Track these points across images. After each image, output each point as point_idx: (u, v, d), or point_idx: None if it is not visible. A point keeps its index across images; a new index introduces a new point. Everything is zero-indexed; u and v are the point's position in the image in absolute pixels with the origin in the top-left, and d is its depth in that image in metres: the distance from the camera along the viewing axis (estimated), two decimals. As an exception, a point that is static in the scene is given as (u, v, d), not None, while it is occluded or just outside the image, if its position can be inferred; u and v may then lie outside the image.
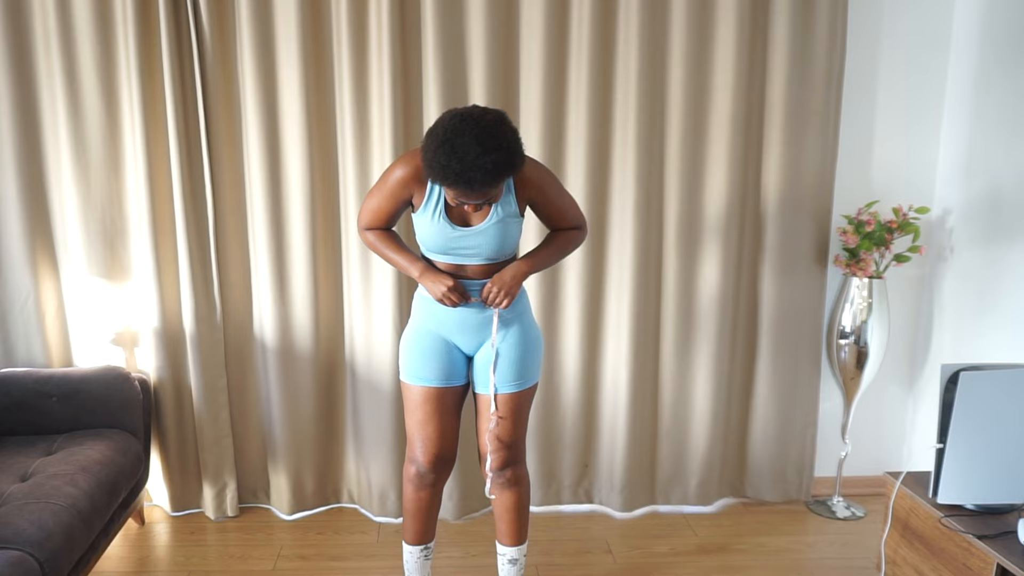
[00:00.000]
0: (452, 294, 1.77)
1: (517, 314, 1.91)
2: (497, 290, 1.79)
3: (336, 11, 2.41)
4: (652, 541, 2.58)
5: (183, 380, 2.61)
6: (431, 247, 1.84)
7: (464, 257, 1.82)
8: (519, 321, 1.91)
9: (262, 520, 2.70)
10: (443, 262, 1.85)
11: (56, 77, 2.39)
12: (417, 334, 1.93)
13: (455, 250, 1.81)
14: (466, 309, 1.87)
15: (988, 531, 1.79)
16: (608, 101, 2.51)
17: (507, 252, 1.86)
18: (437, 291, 1.79)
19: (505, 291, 1.79)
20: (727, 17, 2.45)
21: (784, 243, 2.61)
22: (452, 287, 1.77)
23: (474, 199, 1.67)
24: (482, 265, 1.84)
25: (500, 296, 1.79)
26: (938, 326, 2.71)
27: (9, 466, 2.11)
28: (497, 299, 1.79)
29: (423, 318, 1.93)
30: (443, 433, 1.93)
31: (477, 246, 1.80)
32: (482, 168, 1.56)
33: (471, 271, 1.85)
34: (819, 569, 2.40)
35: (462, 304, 1.80)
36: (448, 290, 1.77)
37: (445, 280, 1.78)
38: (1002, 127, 2.41)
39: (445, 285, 1.77)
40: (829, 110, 2.54)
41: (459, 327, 1.89)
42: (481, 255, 1.82)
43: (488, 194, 1.66)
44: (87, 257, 2.50)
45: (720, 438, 2.74)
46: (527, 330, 1.93)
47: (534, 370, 1.95)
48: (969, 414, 1.82)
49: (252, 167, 2.48)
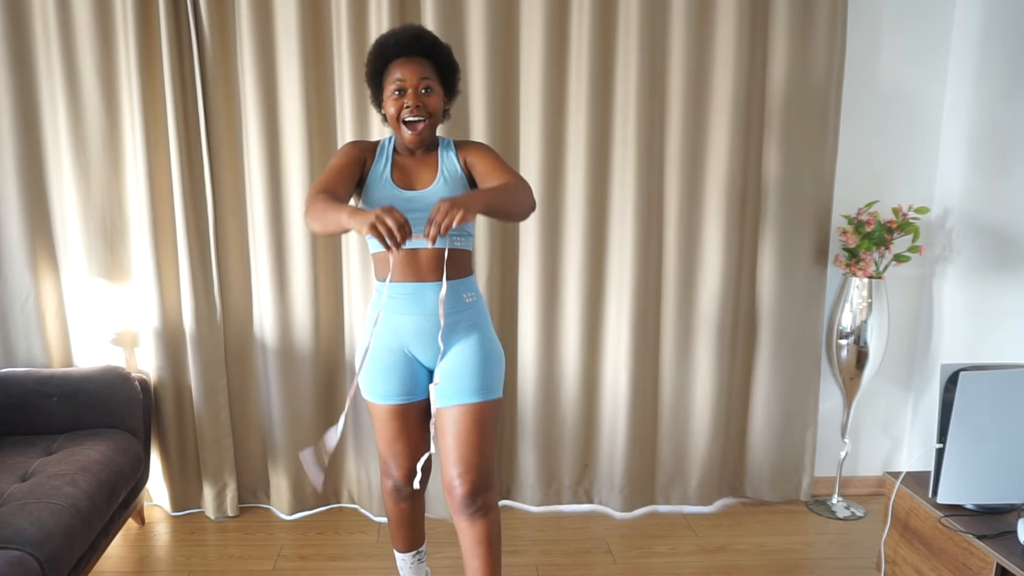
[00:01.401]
0: (386, 216, 1.40)
1: (475, 321, 1.80)
2: (448, 206, 1.43)
3: (336, 11, 2.41)
4: (652, 541, 2.58)
5: (183, 380, 2.61)
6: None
7: (415, 235, 1.55)
8: (478, 329, 1.80)
9: (262, 520, 2.70)
10: None
11: (56, 77, 2.40)
12: (377, 350, 1.80)
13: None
14: (422, 316, 1.73)
15: (988, 531, 1.79)
16: (608, 101, 2.51)
17: (462, 230, 1.75)
18: (368, 220, 1.42)
19: (458, 206, 1.44)
20: (727, 17, 2.45)
21: (784, 243, 2.61)
22: (385, 208, 1.43)
23: (415, 73, 1.69)
24: (432, 249, 1.70)
25: (449, 212, 1.43)
26: (938, 326, 2.71)
27: (9, 466, 2.11)
28: (446, 218, 1.42)
29: (382, 331, 1.79)
30: (413, 448, 1.87)
31: (426, 217, 1.55)
32: (418, 28, 1.76)
33: (423, 260, 1.72)
34: (819, 569, 2.40)
35: (401, 241, 1.42)
36: (381, 212, 1.41)
37: (375, 209, 1.45)
38: (1002, 127, 2.41)
39: (375, 211, 1.42)
40: (829, 110, 2.54)
41: (416, 336, 1.76)
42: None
43: (425, 70, 1.70)
44: (87, 257, 2.50)
45: (720, 438, 2.74)
46: (487, 339, 1.81)
47: (496, 382, 1.80)
48: (969, 414, 1.83)
49: (252, 167, 2.48)
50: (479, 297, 1.84)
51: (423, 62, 1.72)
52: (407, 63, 1.71)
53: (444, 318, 1.66)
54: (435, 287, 1.72)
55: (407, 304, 1.74)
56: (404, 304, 1.75)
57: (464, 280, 1.80)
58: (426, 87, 1.71)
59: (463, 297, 1.78)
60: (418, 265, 1.73)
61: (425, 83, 1.71)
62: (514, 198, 1.64)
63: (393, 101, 1.72)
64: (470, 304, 1.80)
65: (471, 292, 1.81)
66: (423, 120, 1.72)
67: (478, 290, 1.84)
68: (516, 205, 1.65)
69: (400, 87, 1.70)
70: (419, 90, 1.71)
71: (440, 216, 1.43)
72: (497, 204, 1.59)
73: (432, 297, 1.72)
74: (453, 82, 1.81)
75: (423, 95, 1.71)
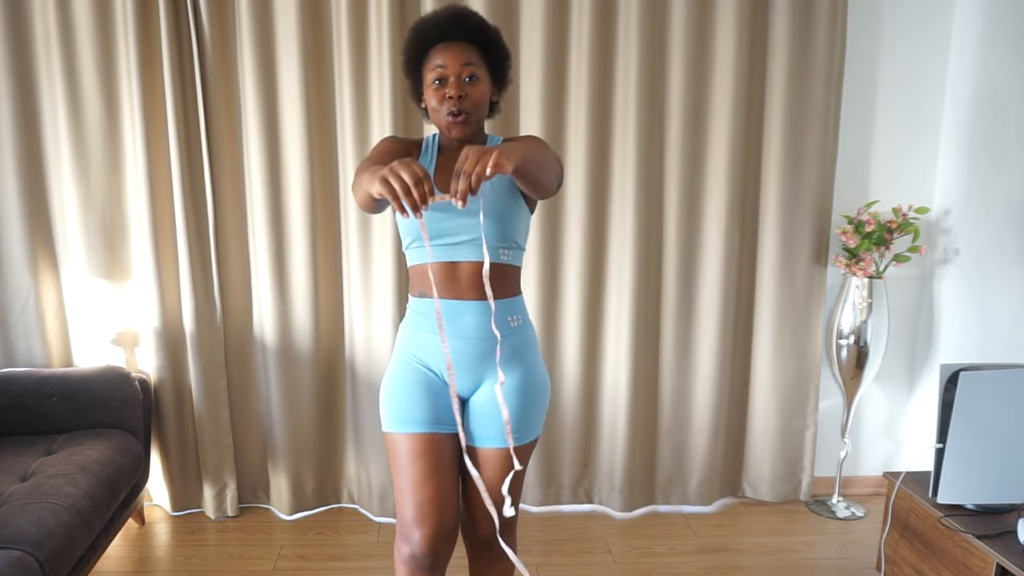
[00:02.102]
0: (401, 169, 1.17)
1: (520, 350, 1.55)
2: (480, 151, 1.19)
3: (336, 11, 2.41)
4: (652, 541, 2.58)
5: (183, 380, 2.61)
6: (414, 227, 1.50)
7: (455, 245, 1.48)
8: (522, 360, 1.54)
9: (262, 520, 2.70)
10: (432, 262, 1.50)
11: (56, 77, 2.40)
12: (400, 371, 1.56)
13: (446, 230, 1.47)
14: (458, 339, 1.49)
15: (988, 531, 1.79)
16: (608, 101, 2.51)
17: (510, 240, 1.52)
18: (378, 175, 1.19)
19: (488, 155, 1.18)
20: (727, 17, 2.45)
21: (784, 243, 2.61)
22: (402, 160, 1.19)
23: (458, 59, 1.46)
24: (475, 262, 1.48)
25: (482, 159, 1.18)
26: (938, 326, 2.71)
27: (9, 466, 2.11)
28: (478, 165, 1.17)
29: (408, 352, 1.57)
30: (444, 497, 1.48)
31: (469, 220, 1.46)
32: (461, 8, 1.52)
33: (464, 274, 1.49)
34: (819, 569, 2.40)
35: (420, 200, 1.17)
36: (397, 163, 1.18)
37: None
38: (1002, 127, 2.41)
39: (388, 165, 1.21)
40: (829, 110, 2.54)
41: (453, 356, 1.51)
42: (475, 236, 1.47)
43: (469, 55, 1.47)
44: (87, 257, 2.50)
45: (720, 438, 2.74)
46: (532, 371, 1.56)
47: (538, 423, 1.58)
48: (969, 414, 1.83)
49: (252, 167, 2.48)
50: (527, 321, 1.59)
51: (467, 47, 1.49)
52: (449, 48, 1.48)
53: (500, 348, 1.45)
54: (475, 307, 1.49)
55: (443, 323, 1.49)
56: (437, 324, 1.49)
57: (511, 300, 1.55)
58: (470, 75, 1.47)
59: (508, 320, 1.53)
60: (456, 279, 1.49)
61: (469, 70, 1.47)
62: (548, 161, 1.43)
63: (434, 91, 1.49)
64: (516, 329, 1.54)
65: (517, 314, 1.56)
66: (465, 114, 1.48)
67: (526, 312, 1.60)
68: (549, 171, 1.43)
69: (441, 75, 1.48)
70: (462, 78, 1.47)
71: (470, 164, 1.17)
72: (532, 162, 1.34)
73: (472, 318, 1.49)
74: (503, 70, 1.57)
75: (467, 84, 1.47)
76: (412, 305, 1.59)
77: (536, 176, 1.39)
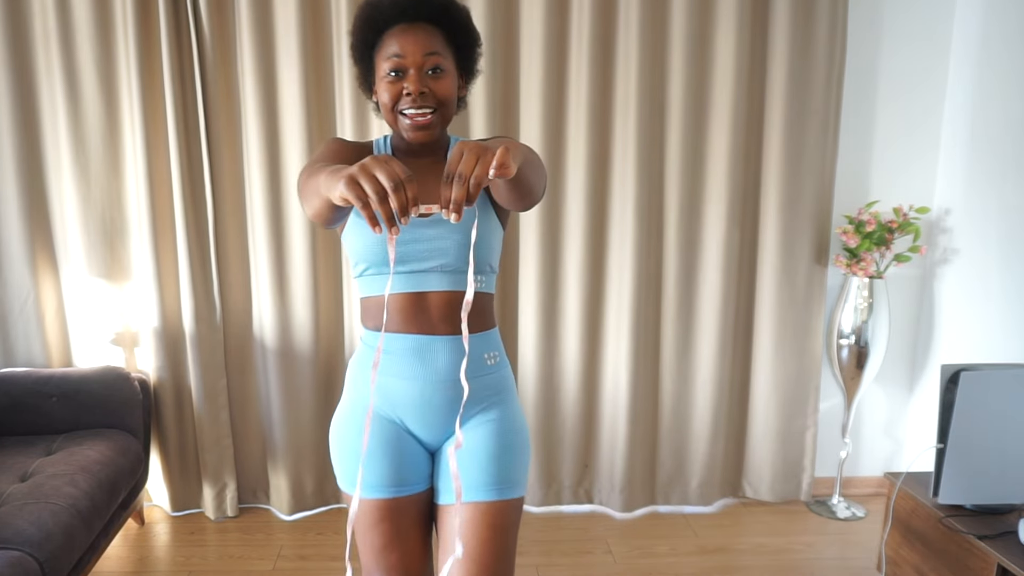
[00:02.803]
0: (376, 168, 0.87)
1: (497, 390, 1.32)
2: (479, 149, 0.91)
3: (336, 11, 2.41)
4: (652, 541, 2.58)
5: (183, 380, 2.61)
6: (372, 251, 1.24)
7: (420, 273, 1.24)
8: (501, 402, 1.32)
9: (262, 520, 2.70)
10: (393, 292, 1.25)
11: (56, 77, 2.39)
12: (353, 421, 1.32)
13: (410, 255, 1.24)
14: (425, 383, 1.26)
15: (988, 531, 1.79)
16: (608, 101, 2.51)
17: (484, 264, 1.30)
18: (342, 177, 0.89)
19: (489, 153, 0.91)
20: (727, 17, 2.45)
21: (784, 243, 2.61)
22: (377, 157, 0.89)
23: (419, 47, 1.20)
24: (446, 292, 1.25)
25: (483, 157, 0.90)
26: (938, 326, 2.70)
27: (9, 466, 2.10)
28: (477, 167, 0.89)
29: (362, 396, 1.32)
30: (410, 563, 1.31)
31: (439, 244, 1.23)
32: None
33: (434, 306, 1.25)
34: (819, 569, 2.40)
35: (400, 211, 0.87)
36: (371, 161, 0.88)
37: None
38: (1003, 127, 2.41)
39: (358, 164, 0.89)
40: (829, 110, 2.54)
41: (417, 408, 1.27)
42: (447, 261, 1.24)
43: (432, 42, 1.21)
44: (87, 257, 2.50)
45: (720, 438, 2.74)
46: (511, 416, 1.33)
47: (521, 475, 1.32)
48: (969, 414, 1.82)
49: (252, 167, 2.48)
50: (503, 357, 1.37)
51: (430, 31, 1.23)
52: (408, 32, 1.22)
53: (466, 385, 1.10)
54: (449, 343, 1.26)
55: (407, 364, 1.26)
56: (403, 364, 1.26)
57: (486, 334, 1.32)
58: (434, 66, 1.21)
59: (484, 358, 1.31)
60: (425, 311, 1.25)
61: (433, 60, 1.21)
62: (540, 164, 1.19)
63: (388, 84, 1.22)
64: (492, 368, 1.32)
65: (494, 351, 1.33)
66: (430, 112, 1.22)
67: (502, 347, 1.37)
68: (542, 175, 1.19)
69: (397, 66, 1.21)
70: (424, 70, 1.21)
71: (467, 164, 0.88)
72: (529, 163, 1.10)
73: (445, 356, 1.26)
74: (471, 58, 1.32)
75: (429, 77, 1.21)
76: (366, 340, 1.33)
77: (532, 181, 1.12)
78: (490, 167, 0.89)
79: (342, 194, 0.88)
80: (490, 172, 0.89)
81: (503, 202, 1.18)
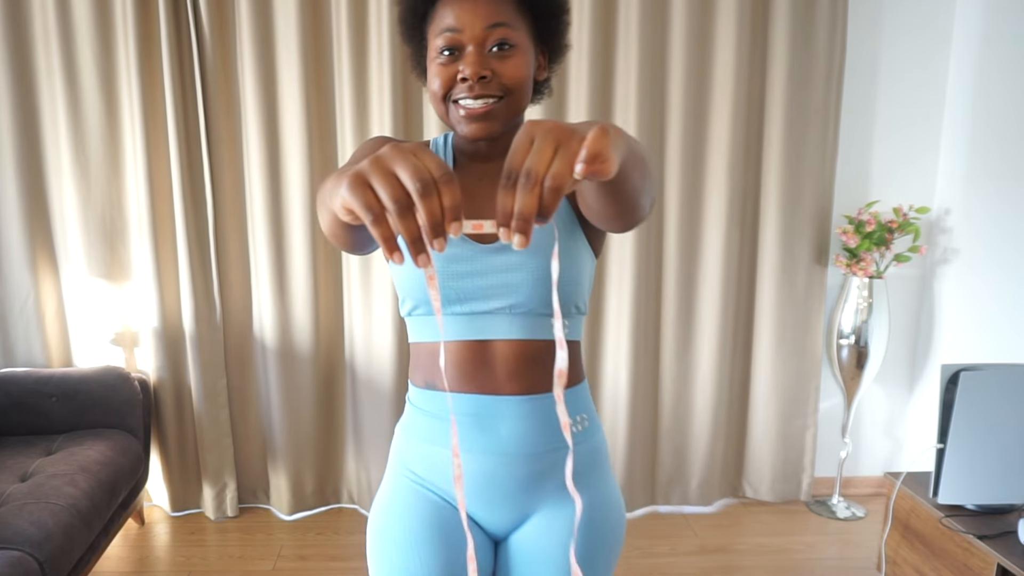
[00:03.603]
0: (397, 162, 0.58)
1: (586, 466, 1.04)
2: (549, 131, 0.59)
3: (336, 11, 2.41)
4: (652, 541, 2.58)
5: (183, 380, 2.61)
6: (420, 283, 0.98)
7: (483, 316, 0.97)
8: (592, 483, 1.04)
9: (262, 520, 2.70)
10: (448, 338, 0.98)
11: (56, 77, 2.39)
12: (398, 500, 1.04)
13: (469, 292, 0.96)
14: (492, 456, 0.98)
15: (988, 531, 1.79)
16: (608, 100, 2.51)
17: (570, 303, 1.00)
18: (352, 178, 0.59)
19: (575, 138, 0.59)
20: (727, 16, 2.45)
21: (784, 243, 2.61)
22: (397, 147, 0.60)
23: (479, 18, 0.91)
24: (516, 341, 0.97)
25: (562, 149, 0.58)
26: (938, 326, 2.70)
27: (9, 466, 2.11)
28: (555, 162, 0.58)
29: (406, 469, 1.06)
30: None
31: (508, 278, 0.95)
32: None
33: (500, 358, 0.98)
34: (819, 569, 2.40)
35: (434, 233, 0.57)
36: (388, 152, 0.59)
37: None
38: (1003, 126, 2.41)
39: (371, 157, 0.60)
40: (829, 110, 2.54)
41: (479, 484, 1.00)
42: (518, 301, 0.96)
43: (499, 11, 0.92)
44: (87, 257, 2.50)
45: (720, 438, 2.74)
46: (606, 502, 1.05)
47: (609, 566, 1.06)
48: (969, 414, 1.82)
49: (252, 167, 2.48)
50: (595, 419, 1.08)
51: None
52: (466, 1, 0.93)
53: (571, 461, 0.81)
54: (516, 405, 0.98)
55: (464, 433, 0.99)
56: (459, 432, 0.99)
57: (574, 391, 1.04)
58: (500, 40, 0.92)
59: (572, 423, 1.03)
60: (488, 366, 0.98)
61: (499, 34, 0.92)
62: (647, 167, 0.78)
63: (440, 67, 0.94)
64: (581, 437, 1.03)
65: (583, 413, 1.05)
66: (493, 99, 0.93)
67: (593, 406, 1.08)
68: (651, 178, 0.80)
69: (452, 42, 0.93)
70: (487, 47, 0.93)
71: (540, 158, 0.58)
72: (639, 160, 0.74)
73: (511, 423, 0.98)
74: (556, 30, 1.00)
75: (493, 56, 0.93)
76: (414, 399, 1.06)
77: (638, 186, 0.76)
78: (576, 161, 0.58)
79: (345, 202, 0.59)
80: (576, 169, 0.58)
81: (594, 217, 0.84)
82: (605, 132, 0.58)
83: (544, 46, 1.01)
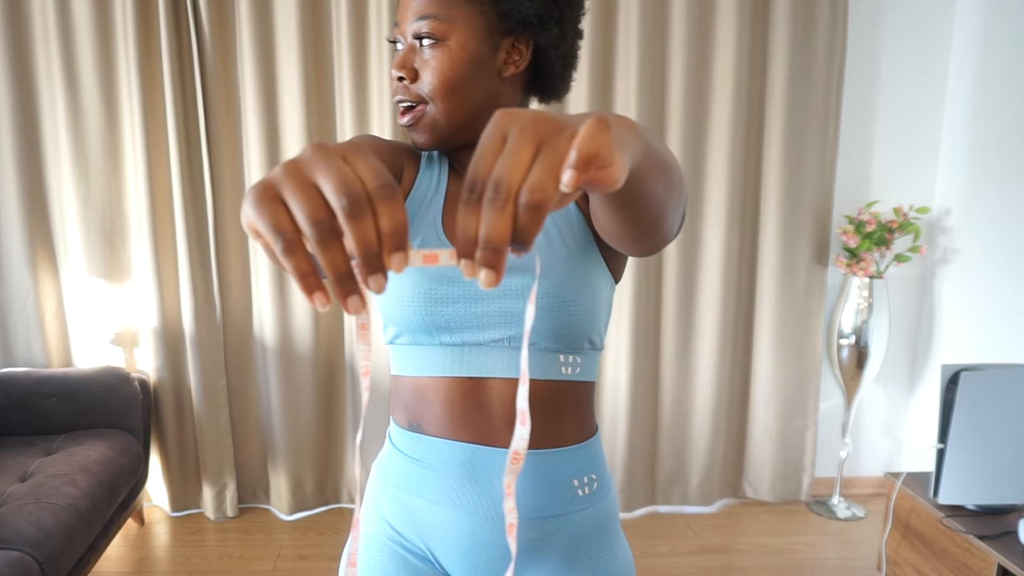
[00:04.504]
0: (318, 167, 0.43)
1: (595, 533, 0.87)
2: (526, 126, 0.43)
3: (336, 11, 2.41)
4: (652, 541, 2.58)
5: (183, 380, 2.61)
6: (401, 308, 0.82)
7: (477, 344, 0.82)
8: (599, 552, 0.88)
9: (262, 520, 2.70)
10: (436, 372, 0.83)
11: (56, 77, 2.39)
12: (370, 560, 0.90)
13: (459, 319, 0.81)
14: (478, 515, 0.83)
15: (989, 531, 1.79)
16: (608, 100, 2.51)
17: (581, 337, 0.83)
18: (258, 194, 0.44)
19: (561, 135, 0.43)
20: (727, 16, 2.45)
21: (785, 243, 2.61)
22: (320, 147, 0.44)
23: (410, 9, 0.80)
24: (515, 380, 0.82)
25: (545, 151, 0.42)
26: (938, 326, 2.70)
27: (9, 466, 2.10)
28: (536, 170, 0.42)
29: (383, 522, 0.90)
30: None
31: (505, 305, 0.80)
32: None
33: (496, 394, 0.82)
34: (819, 569, 2.40)
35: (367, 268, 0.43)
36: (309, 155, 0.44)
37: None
38: (1003, 127, 2.40)
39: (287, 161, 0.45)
40: (829, 110, 2.54)
41: (465, 547, 0.85)
42: (520, 333, 0.82)
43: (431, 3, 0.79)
44: (87, 257, 2.50)
45: (720, 438, 2.74)
46: (614, 569, 0.89)
47: None
48: (969, 414, 1.82)
49: (252, 167, 2.48)
50: (606, 478, 0.90)
51: None
52: None
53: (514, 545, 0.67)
54: (500, 455, 0.83)
55: (450, 486, 0.84)
56: (444, 485, 0.84)
57: (579, 449, 0.87)
58: (424, 34, 0.80)
59: (573, 486, 0.85)
60: (482, 405, 0.83)
61: (424, 27, 0.80)
62: (671, 172, 0.61)
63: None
64: (585, 501, 0.87)
65: (591, 473, 0.88)
66: (412, 105, 0.83)
67: (605, 463, 0.91)
68: (677, 191, 0.64)
69: (395, 37, 0.85)
70: (416, 41, 0.81)
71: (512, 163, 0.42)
72: (651, 165, 0.56)
73: (503, 475, 0.77)
74: (526, 14, 0.81)
75: (418, 52, 0.82)
76: (395, 439, 0.90)
77: (660, 197, 0.61)
78: (564, 167, 0.42)
79: (249, 221, 0.45)
80: (564, 178, 0.42)
81: (607, 236, 0.71)
82: (605, 126, 0.42)
83: (520, 35, 0.82)
